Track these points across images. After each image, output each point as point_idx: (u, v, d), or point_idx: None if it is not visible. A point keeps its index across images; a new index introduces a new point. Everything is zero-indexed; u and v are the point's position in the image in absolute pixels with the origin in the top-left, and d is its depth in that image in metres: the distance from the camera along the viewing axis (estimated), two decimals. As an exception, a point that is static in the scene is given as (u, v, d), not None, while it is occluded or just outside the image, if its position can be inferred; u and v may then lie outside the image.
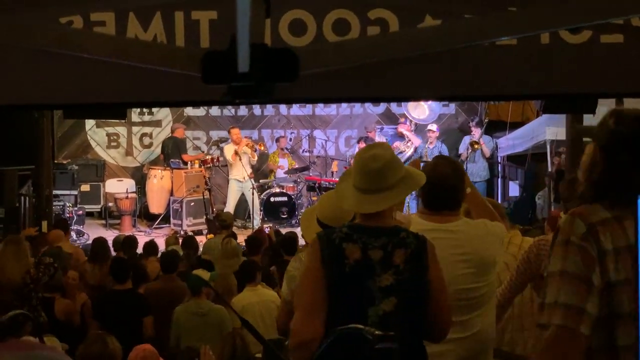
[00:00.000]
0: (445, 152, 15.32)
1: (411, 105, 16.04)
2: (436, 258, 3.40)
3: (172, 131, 16.00)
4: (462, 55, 3.80)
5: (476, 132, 15.50)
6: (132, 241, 10.16)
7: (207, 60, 1.84)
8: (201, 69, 1.84)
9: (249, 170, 15.00)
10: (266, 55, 1.79)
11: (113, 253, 10.12)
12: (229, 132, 15.45)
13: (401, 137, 15.85)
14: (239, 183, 14.94)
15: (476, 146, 15.14)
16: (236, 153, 14.74)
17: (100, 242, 9.59)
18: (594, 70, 3.97)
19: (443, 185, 3.87)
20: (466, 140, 15.72)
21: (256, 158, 15.48)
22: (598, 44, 3.88)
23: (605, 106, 10.25)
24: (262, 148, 16.10)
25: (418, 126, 16.09)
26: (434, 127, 15.53)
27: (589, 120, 10.35)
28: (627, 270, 2.64)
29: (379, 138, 15.97)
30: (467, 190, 4.04)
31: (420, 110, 16.11)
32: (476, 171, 15.14)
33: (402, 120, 16.26)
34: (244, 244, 11.18)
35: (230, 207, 14.77)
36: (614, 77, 3.97)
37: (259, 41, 1.80)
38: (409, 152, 15.41)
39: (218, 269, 8.49)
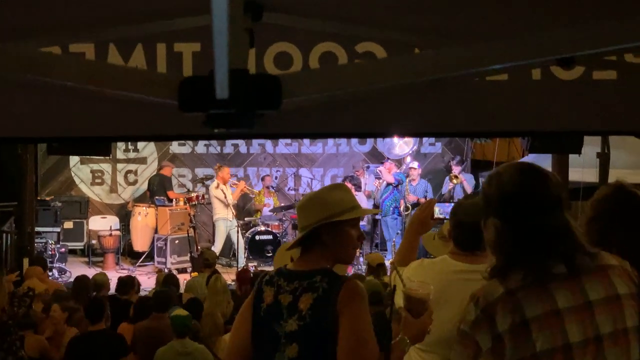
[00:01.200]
0: (430, 190, 15.26)
1: (400, 143, 16.03)
2: (355, 305, 3.13)
3: (160, 168, 15.90)
4: (450, 90, 3.73)
5: (456, 170, 15.46)
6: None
7: (185, 86, 1.74)
8: (177, 95, 1.74)
9: (232, 203, 14.93)
10: (247, 81, 1.69)
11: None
12: (218, 168, 15.28)
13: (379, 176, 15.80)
14: (226, 222, 14.82)
15: (455, 180, 15.05)
16: (223, 192, 14.69)
17: (80, 280, 9.44)
18: (586, 107, 3.89)
19: (478, 225, 3.75)
20: (447, 180, 15.69)
21: (235, 201, 15.51)
22: (591, 81, 3.81)
23: (590, 146, 10.20)
24: (260, 196, 16.04)
25: (405, 160, 16.08)
26: (415, 164, 15.47)
27: (575, 159, 10.34)
28: (523, 347, 2.49)
29: (367, 177, 15.93)
30: None
31: (408, 145, 16.12)
32: (459, 208, 15.01)
33: (385, 159, 16.21)
34: (230, 282, 11.05)
35: (218, 247, 14.65)
36: (606, 114, 3.90)
37: (241, 67, 1.71)
38: (381, 187, 15.31)
39: (205, 307, 8.35)
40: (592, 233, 3.04)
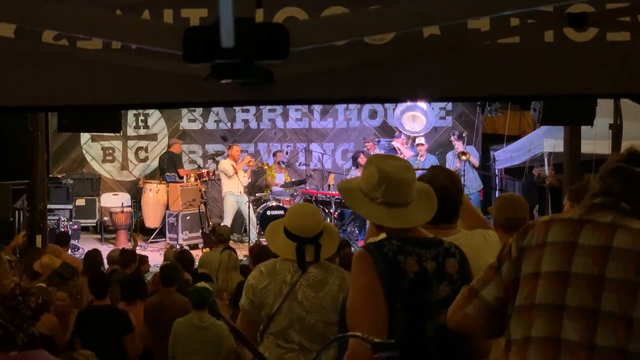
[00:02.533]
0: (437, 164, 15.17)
1: (408, 117, 15.94)
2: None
3: (169, 146, 15.90)
4: (462, 53, 3.68)
5: (458, 145, 15.34)
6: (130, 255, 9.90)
7: (189, 36, 1.70)
8: (182, 45, 1.70)
9: (244, 185, 14.93)
10: (253, 29, 1.66)
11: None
12: (229, 147, 15.39)
13: (394, 151, 15.69)
14: (235, 197, 14.83)
15: (464, 157, 14.94)
16: (235, 169, 14.69)
17: (91, 255, 9.44)
18: (600, 69, 3.83)
19: (441, 196, 3.70)
20: (450, 156, 15.57)
21: (250, 179, 15.66)
22: (604, 42, 3.75)
23: (602, 117, 10.15)
24: (266, 167, 16.02)
25: (413, 139, 15.99)
26: (422, 140, 15.40)
27: (587, 131, 10.25)
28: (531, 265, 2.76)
29: (378, 151, 15.85)
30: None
31: (417, 123, 16.00)
32: (469, 183, 14.96)
33: (397, 133, 16.13)
34: (242, 258, 11.03)
35: (228, 221, 14.63)
36: (620, 76, 3.84)
37: (247, 16, 1.67)
38: None
39: (219, 282, 8.39)
40: None
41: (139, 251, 11.70)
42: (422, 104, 15.82)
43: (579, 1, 1.84)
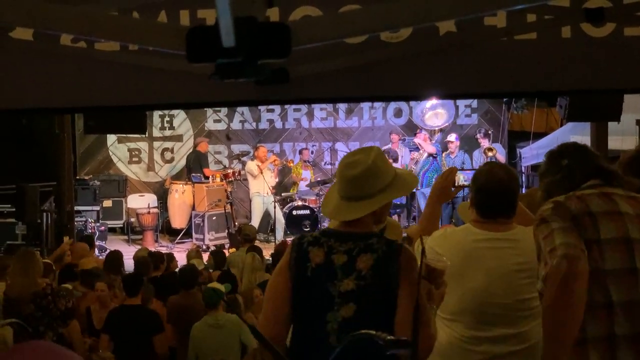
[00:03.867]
0: (468, 161, 15.13)
1: (431, 114, 15.91)
2: (412, 270, 3.10)
3: (195, 145, 15.98)
4: (478, 49, 3.67)
5: (484, 142, 15.28)
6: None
7: (192, 36, 1.71)
8: (185, 45, 1.71)
9: (272, 185, 14.98)
10: (254, 29, 1.66)
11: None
12: (256, 148, 15.46)
13: (417, 147, 15.69)
14: (262, 197, 14.88)
15: (490, 153, 14.88)
16: (260, 169, 14.75)
17: (113, 255, 9.50)
18: (618, 64, 3.80)
19: (500, 191, 3.67)
20: (476, 154, 15.51)
21: (277, 179, 15.71)
22: (622, 37, 3.72)
23: (629, 113, 10.03)
24: (291, 165, 16.06)
25: (436, 133, 15.95)
26: (453, 137, 15.35)
27: (614, 127, 10.14)
28: (590, 232, 2.88)
29: (402, 149, 15.85)
30: None
31: (440, 117, 15.98)
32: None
33: (418, 130, 16.09)
34: (268, 258, 11.05)
35: (255, 222, 14.68)
36: (638, 71, 3.81)
37: (252, 15, 1.67)
38: (422, 159, 15.26)
39: (244, 283, 8.42)
40: None
41: (165, 251, 11.80)
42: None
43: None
